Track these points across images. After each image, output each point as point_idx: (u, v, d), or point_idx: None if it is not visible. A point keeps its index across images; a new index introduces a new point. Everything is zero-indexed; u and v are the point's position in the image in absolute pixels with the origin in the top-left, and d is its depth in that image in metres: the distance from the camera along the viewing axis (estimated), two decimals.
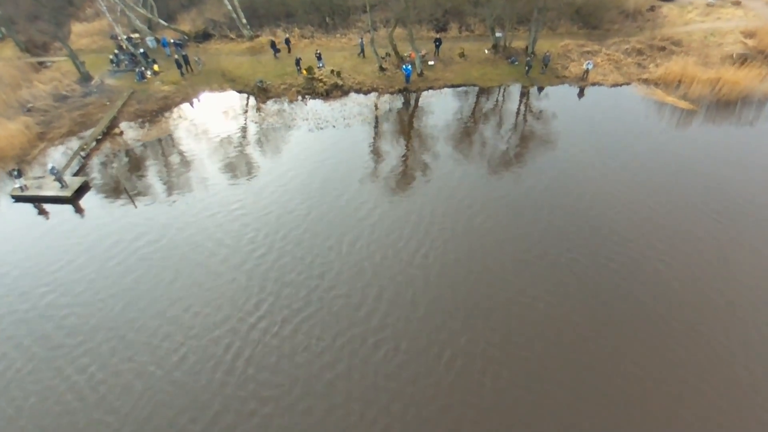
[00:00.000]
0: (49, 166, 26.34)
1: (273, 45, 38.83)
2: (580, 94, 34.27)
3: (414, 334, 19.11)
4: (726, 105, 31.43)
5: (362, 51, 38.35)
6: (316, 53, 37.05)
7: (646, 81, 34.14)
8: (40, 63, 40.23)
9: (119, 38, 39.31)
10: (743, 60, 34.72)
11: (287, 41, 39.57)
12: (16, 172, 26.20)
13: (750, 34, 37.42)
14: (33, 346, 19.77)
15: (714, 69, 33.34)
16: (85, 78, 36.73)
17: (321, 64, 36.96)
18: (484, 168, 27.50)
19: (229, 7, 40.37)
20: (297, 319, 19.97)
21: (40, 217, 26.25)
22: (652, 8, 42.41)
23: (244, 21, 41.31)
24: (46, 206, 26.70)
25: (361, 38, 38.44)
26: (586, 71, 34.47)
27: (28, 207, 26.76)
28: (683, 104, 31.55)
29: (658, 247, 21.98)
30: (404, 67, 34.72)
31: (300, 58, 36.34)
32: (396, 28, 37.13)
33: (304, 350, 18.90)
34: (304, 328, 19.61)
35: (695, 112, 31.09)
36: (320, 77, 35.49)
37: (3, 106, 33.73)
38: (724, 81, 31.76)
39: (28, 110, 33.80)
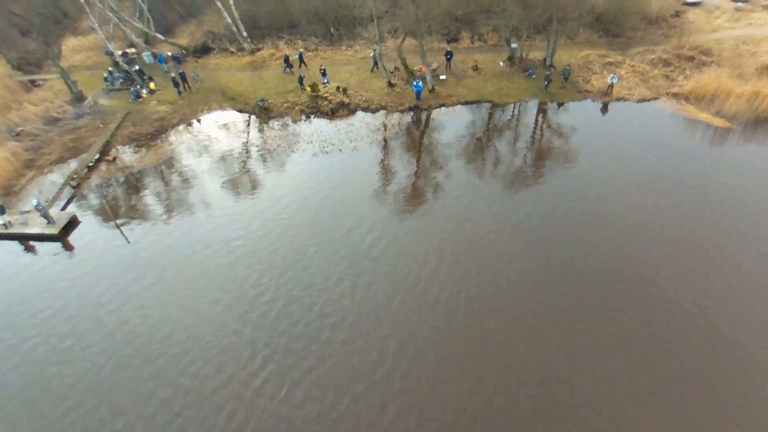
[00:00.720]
0: (34, 201, 24.27)
1: (287, 60, 36.45)
2: (604, 110, 31.98)
3: (440, 400, 16.93)
4: (766, 122, 29.09)
5: (375, 64, 36.09)
6: (321, 69, 34.90)
7: (675, 95, 31.83)
8: (32, 82, 38.27)
9: (114, 55, 37.26)
10: None
11: (300, 56, 37.17)
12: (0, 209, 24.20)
13: None
14: (15, 413, 17.73)
15: (750, 81, 30.96)
16: (78, 98, 34.71)
17: (326, 81, 34.84)
18: (504, 194, 25.28)
19: (229, 20, 38.27)
20: (307, 380, 17.81)
21: (27, 256, 24.22)
22: (676, 14, 40.11)
23: (245, 34, 39.22)
24: (34, 243, 24.70)
25: (374, 50, 36.15)
26: (611, 85, 32.18)
27: (14, 245, 24.73)
28: (718, 121, 29.24)
29: (710, 294, 19.67)
30: (414, 83, 32.53)
31: (303, 76, 34.18)
32: (405, 40, 34.96)
33: (316, 419, 16.75)
34: (315, 392, 17.44)
35: (732, 131, 28.76)
36: (325, 95, 33.34)
37: None
38: (763, 95, 29.38)
39: (17, 134, 31.80)
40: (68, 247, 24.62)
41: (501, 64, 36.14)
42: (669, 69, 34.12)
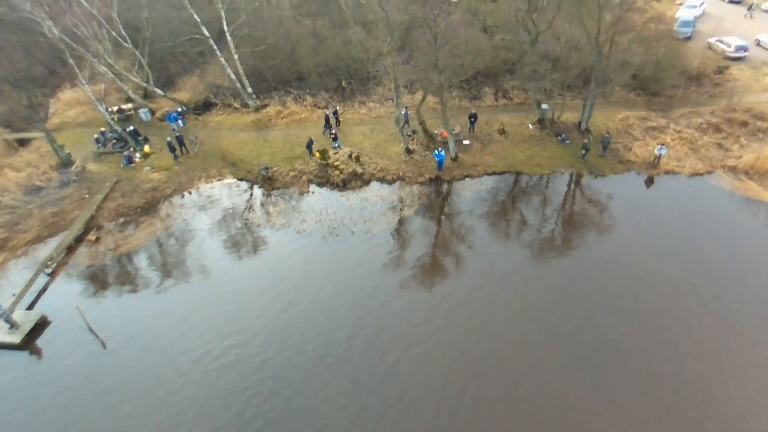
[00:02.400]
0: None
1: (327, 120, 33.12)
2: (650, 183, 28.24)
3: None
4: None
5: (407, 122, 32.73)
6: (332, 134, 31.64)
7: (732, 169, 28.03)
8: (20, 141, 35.38)
9: (110, 111, 34.38)
10: None
11: (336, 114, 33.87)
12: None
13: None
14: None
15: None
16: (65, 163, 31.67)
17: (337, 145, 31.53)
18: (550, 298, 21.37)
19: (233, 76, 35.39)
20: None
21: None
22: (719, 70, 36.59)
23: (250, 90, 36.26)
24: None
25: (406, 108, 32.78)
26: (658, 157, 28.47)
27: None
28: None
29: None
30: (436, 152, 29.07)
31: (312, 140, 30.91)
32: (424, 100, 31.71)
33: None
34: None
35: None
36: (336, 163, 29.98)
37: None
38: None
39: None
40: (34, 353, 21.06)
41: (530, 126, 32.68)
42: (720, 136, 30.43)
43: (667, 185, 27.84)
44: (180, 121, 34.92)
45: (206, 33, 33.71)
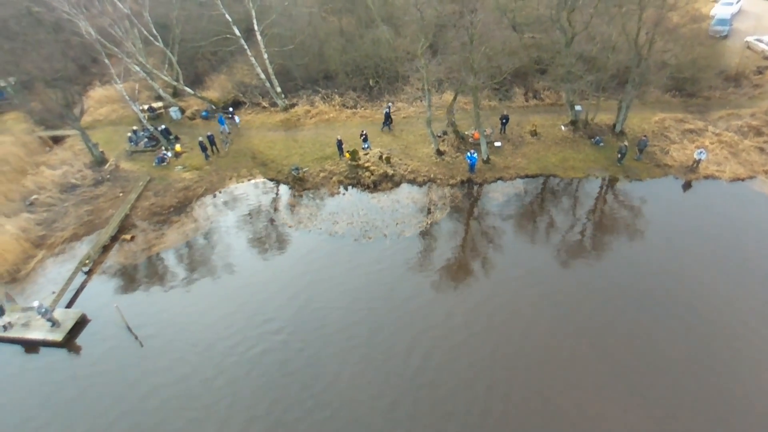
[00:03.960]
0: (35, 303, 21.18)
1: (387, 116, 33.07)
2: (687, 187, 27.56)
3: None
4: None
5: (452, 122, 32.10)
6: (362, 134, 31.50)
7: None
8: (53, 138, 35.96)
9: (141, 110, 34.65)
10: None
11: (387, 114, 33.33)
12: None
13: None
14: None
15: None
16: (99, 161, 32.11)
17: (367, 146, 31.40)
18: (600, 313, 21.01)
19: (262, 77, 35.44)
20: None
21: (27, 362, 21.12)
22: (759, 71, 35.45)
23: (279, 90, 36.28)
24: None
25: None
26: (697, 161, 27.75)
27: (14, 349, 21.61)
28: None
29: None
30: (468, 155, 28.74)
31: (341, 140, 30.82)
32: (455, 100, 31.40)
33: None
34: None
35: None
36: (366, 164, 29.85)
37: (2, 199, 29.23)
38: None
39: (31, 203, 29.24)
40: (74, 351, 21.44)
41: (563, 128, 32.10)
42: (762, 140, 29.52)
43: (706, 190, 27.11)
44: (235, 117, 34.98)
45: (237, 32, 33.76)
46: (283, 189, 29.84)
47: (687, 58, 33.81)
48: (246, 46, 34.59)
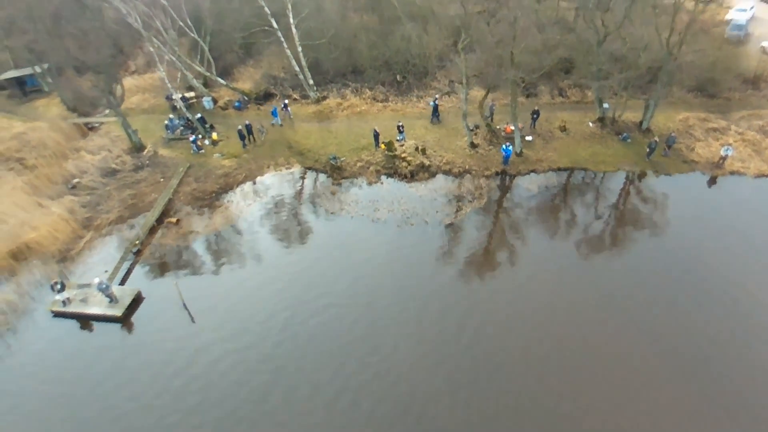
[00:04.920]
0: (96, 280, 21.79)
1: (435, 108, 34.03)
2: (712, 182, 28.71)
3: None
4: None
5: (491, 116, 33.42)
6: (399, 125, 32.35)
7: None
8: (87, 125, 36.47)
9: (173, 99, 35.22)
10: None
11: (435, 107, 34.17)
12: (59, 286, 21.68)
13: None
14: None
15: None
16: (138, 148, 32.67)
17: (401, 137, 32.24)
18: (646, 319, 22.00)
19: (297, 68, 36.20)
20: None
21: (86, 339, 21.72)
22: None
23: (311, 82, 37.08)
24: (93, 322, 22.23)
25: (492, 102, 33.46)
26: (724, 157, 28.90)
27: (70, 325, 22.18)
28: None
29: None
30: (504, 147, 29.67)
31: (378, 131, 31.65)
32: (488, 95, 32.38)
33: None
34: None
35: None
36: (403, 155, 30.70)
37: (46, 182, 29.76)
38: None
39: (73, 187, 29.78)
40: (130, 329, 22.06)
41: (590, 125, 33.17)
42: None
43: (733, 186, 28.25)
44: (288, 110, 35.42)
45: (275, 24, 34.51)
46: (322, 177, 30.59)
47: (708, 61, 35.09)
48: (282, 38, 35.29)
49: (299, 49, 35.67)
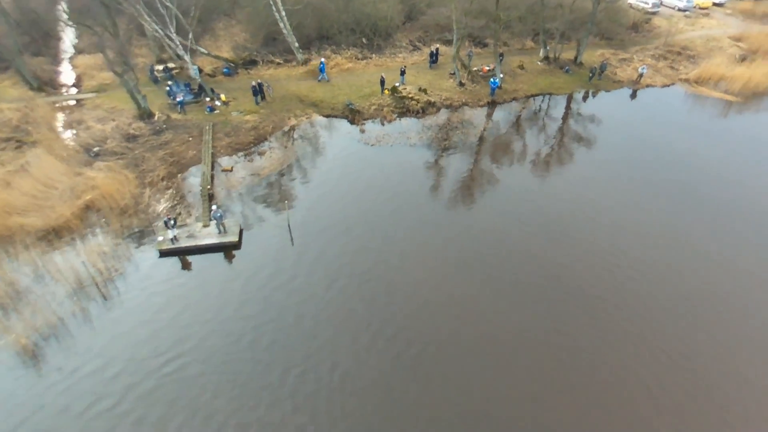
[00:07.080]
0: (214, 207, 22.91)
1: (432, 54, 39.45)
2: (634, 95, 38.60)
3: None
4: (763, 95, 37.91)
5: (470, 60, 39.77)
6: (402, 69, 36.82)
7: (686, 81, 39.57)
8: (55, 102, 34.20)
9: (157, 71, 34.74)
10: (743, 59, 42.00)
11: (433, 53, 39.59)
12: (172, 222, 22.29)
13: (737, 39, 45.30)
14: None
15: (736, 68, 39.84)
16: (147, 114, 32.18)
17: (402, 81, 36.72)
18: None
19: (285, 31, 38.33)
20: None
21: (194, 273, 22.39)
22: (647, 21, 49.14)
23: (297, 45, 39.45)
24: (192, 260, 22.91)
25: (470, 50, 40.74)
26: (641, 75, 38.94)
27: (173, 263, 22.67)
28: (729, 97, 37.28)
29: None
30: (492, 80, 36.05)
31: (384, 77, 35.76)
32: (461, 45, 38.50)
33: None
34: None
35: (740, 103, 36.94)
36: (410, 95, 35.31)
37: (67, 151, 28.32)
38: (755, 77, 38.15)
39: (96, 155, 28.78)
40: (241, 252, 23.40)
41: (539, 63, 41.31)
42: (669, 62, 42.16)
43: (649, 93, 38.41)
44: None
45: None
46: (344, 122, 33.78)
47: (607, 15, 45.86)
48: (272, 2, 37.05)
49: (283, 13, 37.79)
